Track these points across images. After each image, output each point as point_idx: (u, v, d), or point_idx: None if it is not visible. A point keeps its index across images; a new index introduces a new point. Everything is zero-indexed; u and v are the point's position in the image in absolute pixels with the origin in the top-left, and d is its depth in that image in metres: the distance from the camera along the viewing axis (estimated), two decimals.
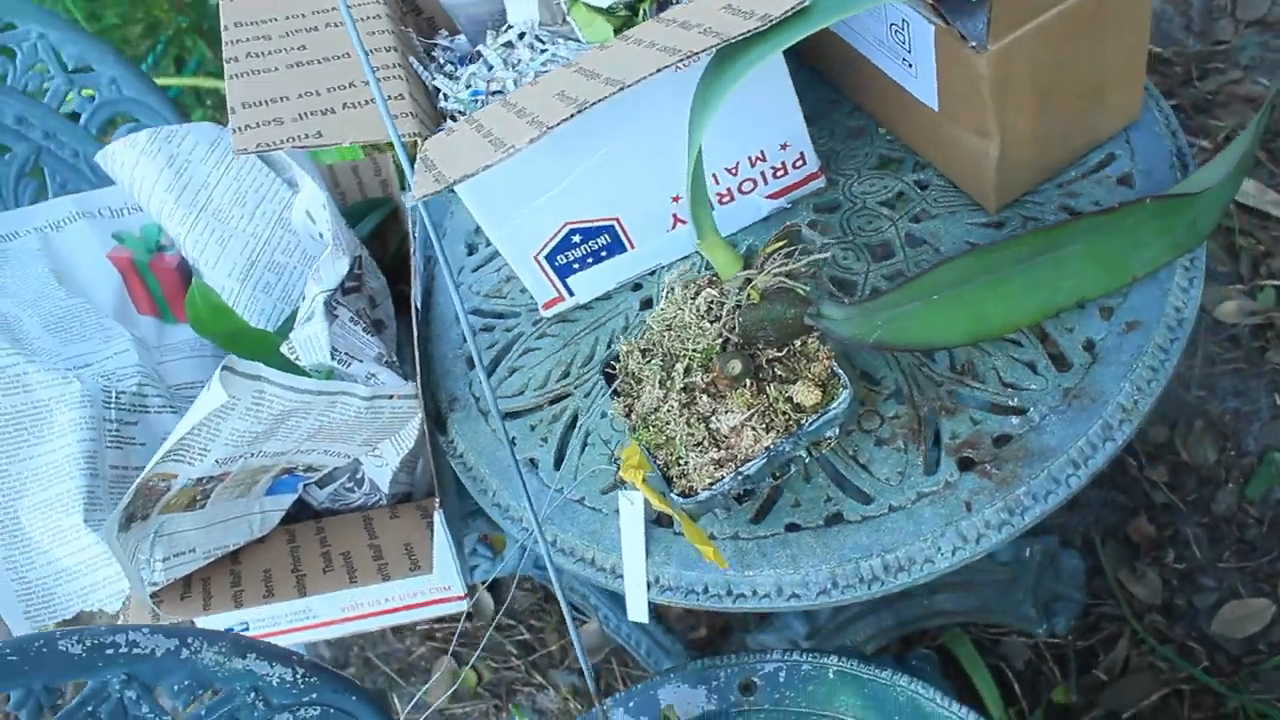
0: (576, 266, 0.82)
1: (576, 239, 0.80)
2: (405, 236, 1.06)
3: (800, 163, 0.81)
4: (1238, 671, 1.20)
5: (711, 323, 0.71)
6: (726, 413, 0.70)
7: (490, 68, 0.79)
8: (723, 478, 0.69)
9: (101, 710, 0.65)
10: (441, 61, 0.84)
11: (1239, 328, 1.37)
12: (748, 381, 0.70)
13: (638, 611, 0.76)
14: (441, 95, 0.79)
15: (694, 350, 0.71)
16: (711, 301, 0.71)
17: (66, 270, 1.00)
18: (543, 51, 0.77)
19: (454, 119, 0.79)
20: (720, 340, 0.71)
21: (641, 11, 0.77)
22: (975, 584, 1.25)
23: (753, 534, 0.73)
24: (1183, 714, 1.18)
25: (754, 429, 0.69)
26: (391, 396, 0.81)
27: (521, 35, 0.81)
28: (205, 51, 1.78)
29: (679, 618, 1.36)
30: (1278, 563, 1.24)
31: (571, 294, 0.84)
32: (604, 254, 0.82)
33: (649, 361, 0.72)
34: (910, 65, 0.76)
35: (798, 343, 0.71)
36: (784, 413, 0.69)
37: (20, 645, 0.62)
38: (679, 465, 0.70)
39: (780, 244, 0.70)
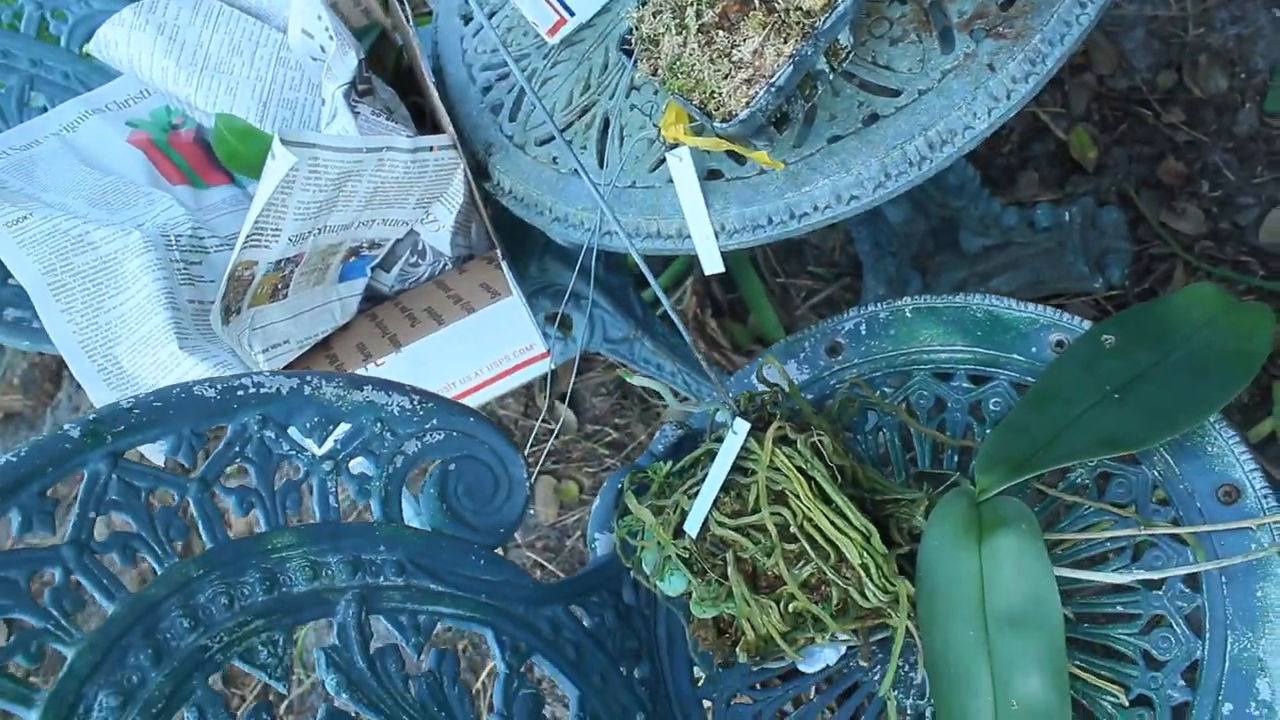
0: None
1: None
2: (400, 51, 1.09)
3: None
4: None
5: None
6: (744, 40, 0.73)
7: None
8: (756, 93, 0.72)
9: (248, 449, 0.69)
10: None
11: None
12: (756, 3, 0.72)
13: (712, 263, 0.79)
14: None
15: None
16: None
17: (93, 160, 1.03)
18: None
19: None
20: None
21: None
22: (1024, 260, 1.28)
23: (799, 156, 0.76)
24: None
25: (773, 45, 0.72)
26: (432, 149, 0.84)
27: None
28: None
29: None
30: None
31: (572, 13, 0.87)
32: None
33: (659, 18, 0.75)
34: None
35: None
36: (797, 22, 0.72)
37: (162, 393, 0.66)
38: (715, 99, 0.73)
39: None
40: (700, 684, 0.88)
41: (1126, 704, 0.77)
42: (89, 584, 0.60)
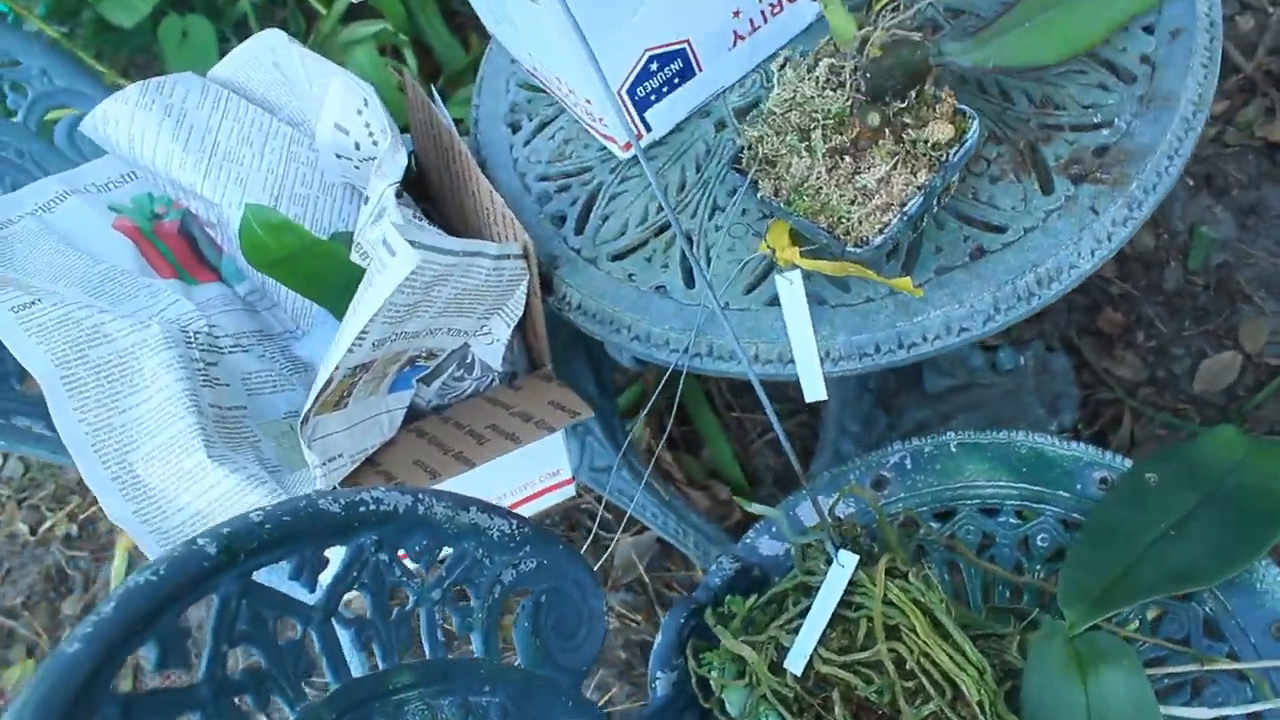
0: (653, 98, 0.84)
1: (654, 67, 0.82)
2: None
3: None
4: (1227, 418, 1.31)
5: (834, 90, 0.74)
6: (870, 168, 0.73)
7: None
8: (890, 221, 0.72)
9: (364, 575, 0.62)
10: None
11: None
12: (886, 132, 0.73)
13: (814, 390, 0.78)
14: None
15: (826, 117, 0.73)
16: (830, 69, 0.74)
17: (77, 244, 0.93)
18: None
19: None
20: (849, 102, 0.74)
21: None
22: (985, 401, 1.33)
23: None
24: None
25: (901, 174, 0.73)
26: (509, 257, 0.80)
27: None
28: None
29: (709, 509, 1.37)
30: (1232, 318, 1.37)
31: (649, 129, 0.85)
32: (677, 81, 0.84)
33: (784, 139, 0.75)
34: None
35: (913, 93, 0.74)
36: (924, 154, 0.73)
37: (289, 507, 0.58)
38: (843, 224, 0.73)
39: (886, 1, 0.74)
40: None
41: None
42: None
